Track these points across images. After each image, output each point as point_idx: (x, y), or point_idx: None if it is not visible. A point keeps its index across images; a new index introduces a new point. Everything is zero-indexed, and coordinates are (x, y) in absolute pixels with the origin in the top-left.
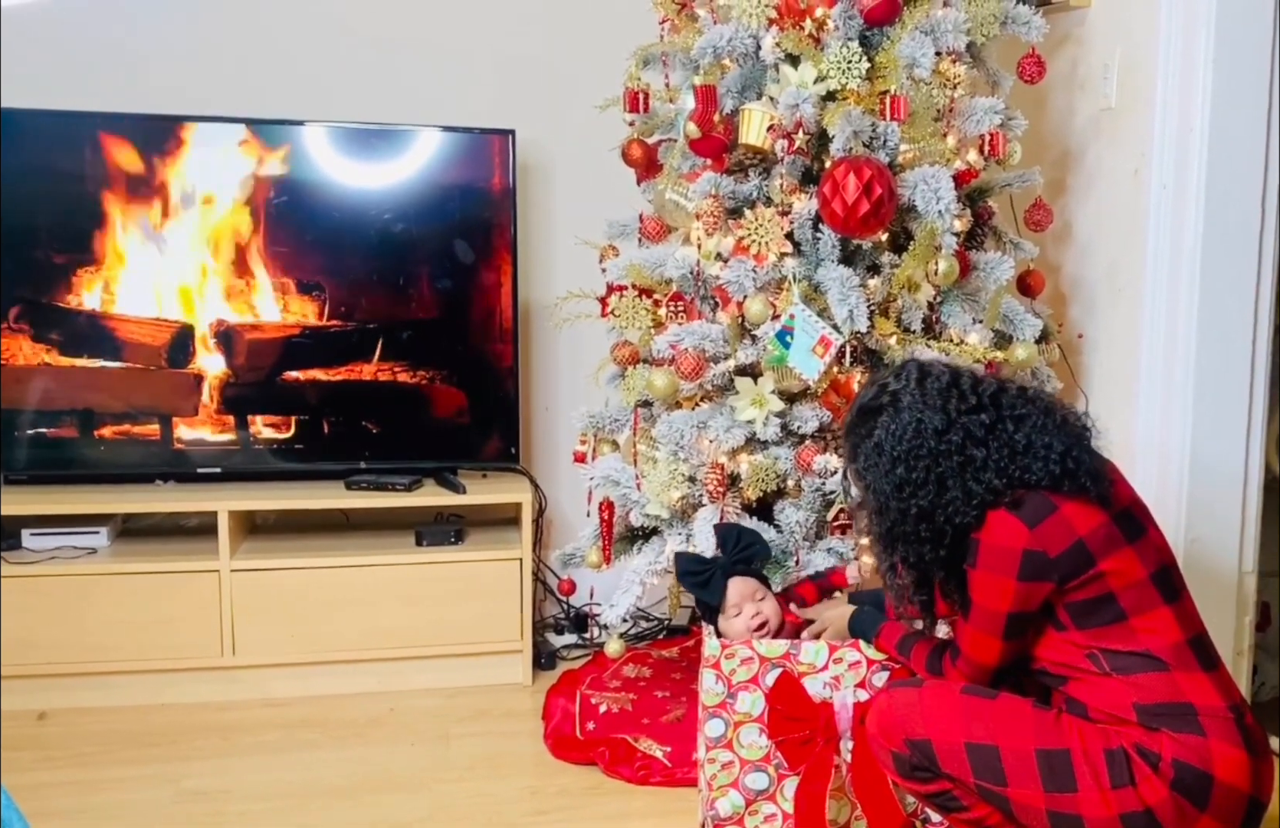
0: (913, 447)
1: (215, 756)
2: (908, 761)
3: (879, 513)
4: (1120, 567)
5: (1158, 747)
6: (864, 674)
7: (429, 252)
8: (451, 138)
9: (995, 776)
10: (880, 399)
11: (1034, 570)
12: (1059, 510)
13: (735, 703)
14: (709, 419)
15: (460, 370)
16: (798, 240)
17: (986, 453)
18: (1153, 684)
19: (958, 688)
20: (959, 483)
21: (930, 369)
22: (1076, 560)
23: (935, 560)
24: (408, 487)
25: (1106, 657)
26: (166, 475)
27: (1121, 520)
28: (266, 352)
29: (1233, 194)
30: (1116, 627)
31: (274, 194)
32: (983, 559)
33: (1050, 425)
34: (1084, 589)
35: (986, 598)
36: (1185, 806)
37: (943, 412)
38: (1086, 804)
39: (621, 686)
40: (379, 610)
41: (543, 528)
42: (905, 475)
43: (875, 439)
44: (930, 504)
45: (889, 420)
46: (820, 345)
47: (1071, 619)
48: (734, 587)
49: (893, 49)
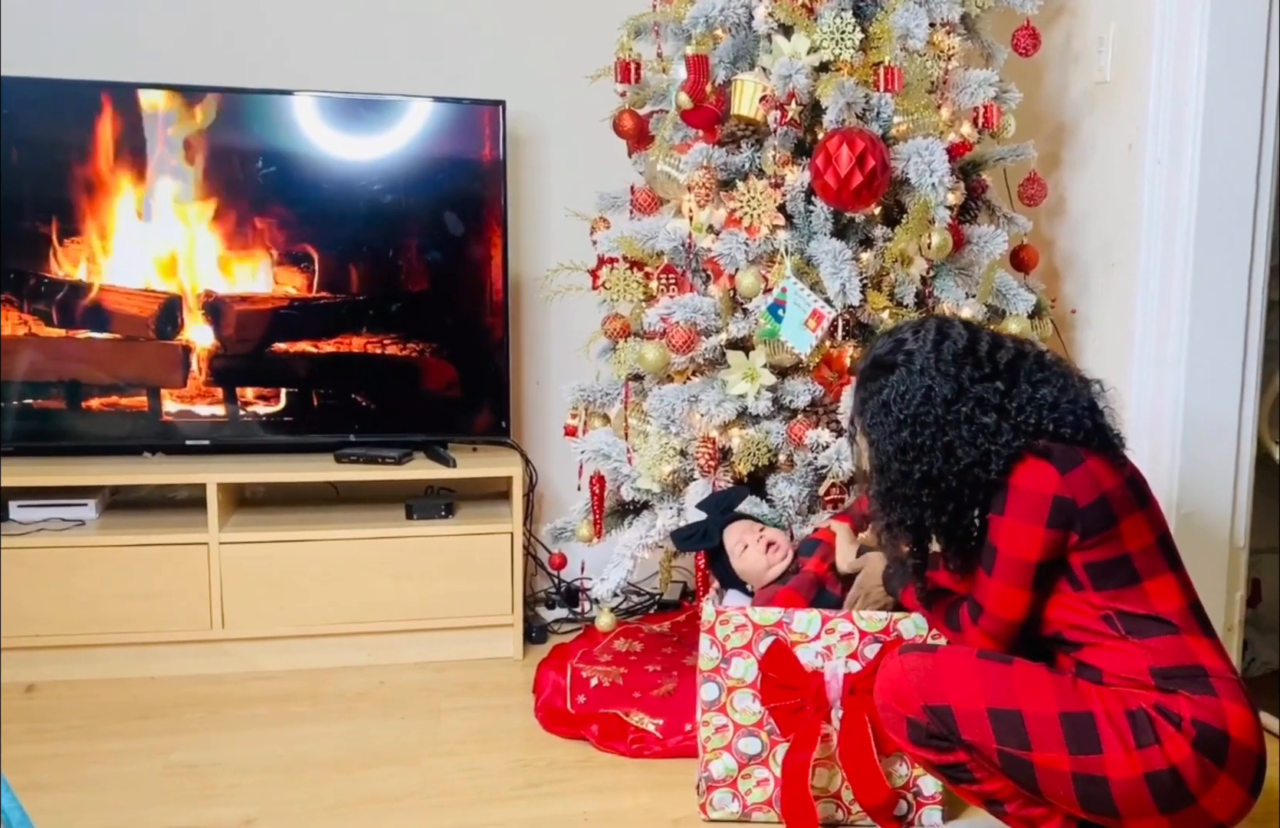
0: (920, 412)
1: (204, 729)
2: (924, 729)
3: (880, 471)
4: (1134, 529)
5: (1177, 708)
6: (856, 646)
7: (419, 224)
8: (442, 109)
9: (1020, 741)
10: (895, 356)
11: (1063, 518)
12: (1085, 462)
13: (729, 668)
14: (700, 393)
15: (451, 343)
16: (790, 213)
17: (999, 418)
18: (1167, 648)
19: (973, 654)
20: (972, 449)
21: (949, 330)
22: (1100, 515)
23: (935, 525)
24: (398, 460)
25: (1122, 620)
26: (155, 448)
27: (1132, 484)
28: (255, 323)
29: (1227, 169)
30: (1131, 589)
31: (263, 164)
32: (1011, 505)
33: (1070, 386)
34: (1102, 547)
35: (1015, 547)
36: (1207, 764)
37: (955, 380)
38: (1112, 765)
39: (612, 660)
40: (369, 584)
41: (534, 502)
42: (910, 440)
43: (884, 397)
44: (936, 471)
45: (899, 381)
46: (812, 319)
47: (1089, 578)
48: (731, 531)
49: (886, 20)
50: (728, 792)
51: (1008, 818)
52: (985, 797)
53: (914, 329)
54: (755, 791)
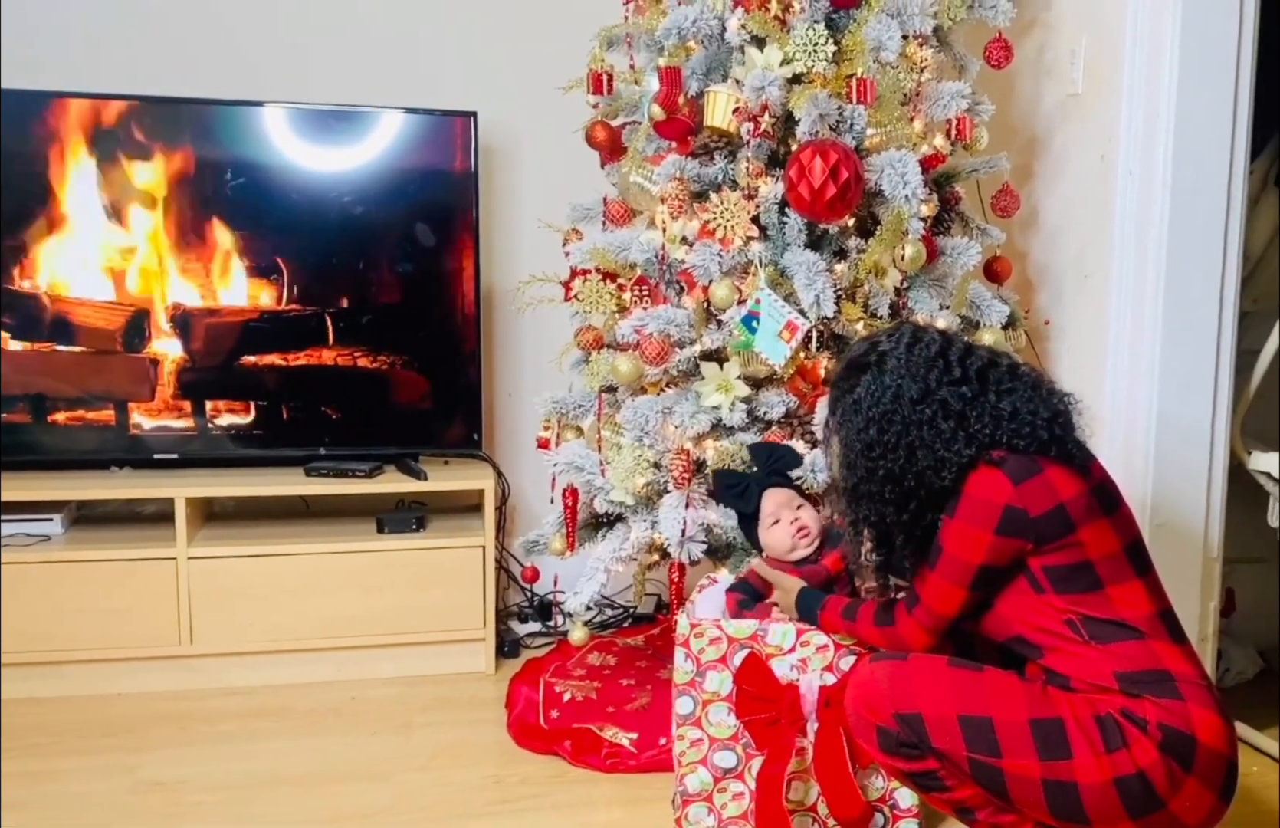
0: (888, 411)
1: (172, 746)
2: (895, 736)
3: (848, 468)
4: (1097, 537)
5: (1143, 712)
6: (831, 658)
7: (390, 235)
8: (413, 120)
9: (990, 748)
10: (868, 357)
11: (1012, 527)
12: (1044, 472)
13: (704, 682)
14: (674, 404)
15: (422, 355)
16: (764, 224)
17: (957, 425)
18: (1131, 653)
19: (944, 661)
20: (929, 454)
21: (922, 335)
22: (1056, 523)
23: (896, 523)
24: (368, 473)
25: (1085, 624)
26: (122, 462)
27: (1098, 493)
28: (224, 336)
29: (1199, 180)
30: (1094, 595)
31: (232, 176)
32: (962, 510)
33: (1037, 398)
34: (1062, 553)
35: (959, 548)
36: (1174, 767)
37: (923, 381)
38: (1082, 770)
39: (586, 674)
40: (339, 599)
41: (506, 515)
42: (876, 437)
43: (855, 396)
44: (899, 469)
45: (871, 380)
46: (786, 330)
47: (1050, 583)
48: (770, 497)
49: (859, 32)
50: (703, 806)
51: (978, 826)
52: (956, 805)
53: (889, 334)
54: (731, 805)
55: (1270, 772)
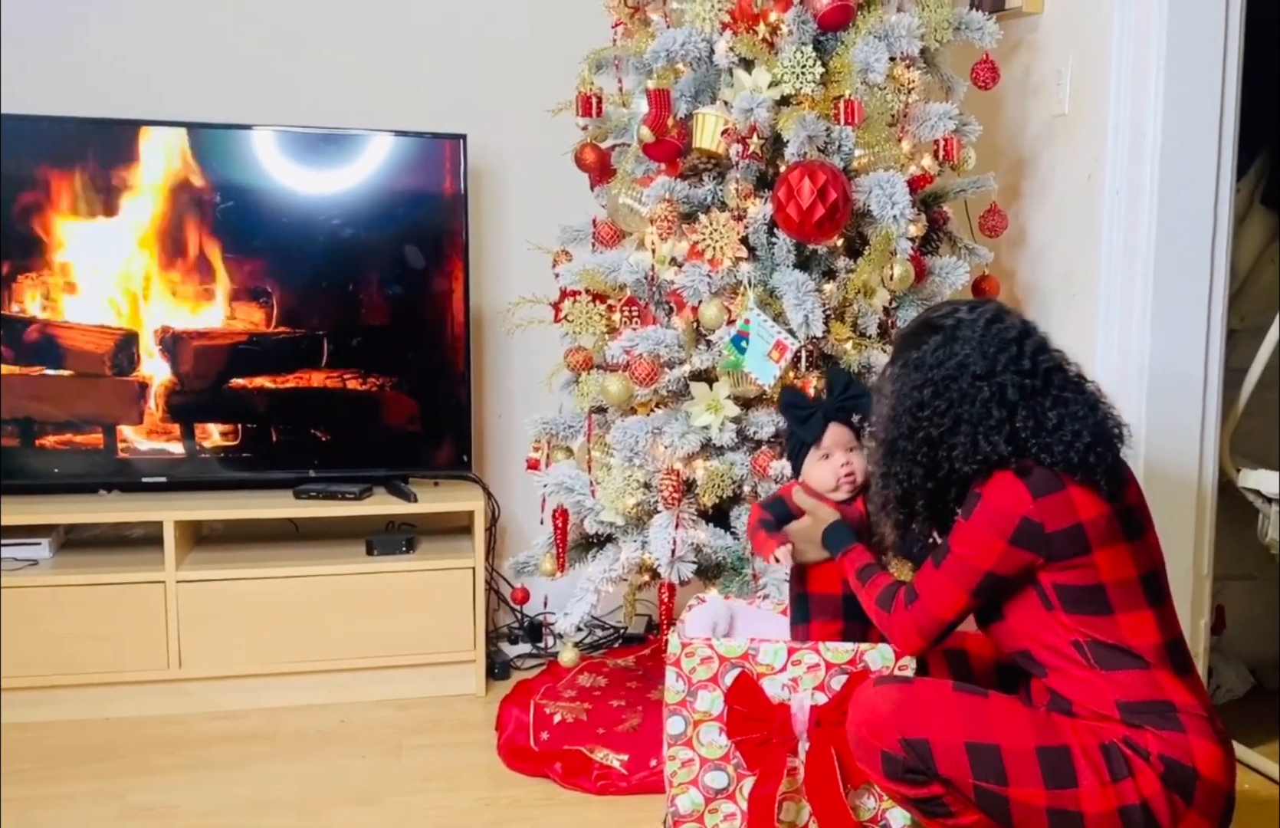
0: (948, 377)
1: (162, 770)
2: (901, 762)
3: (893, 420)
4: (1113, 561)
5: (1144, 743)
6: (822, 677)
7: (379, 257)
8: (402, 143)
9: (997, 776)
10: (944, 320)
11: (1026, 539)
12: (1066, 490)
13: (695, 701)
14: (664, 425)
15: (411, 377)
16: (753, 245)
17: (1006, 416)
18: (1135, 682)
19: (950, 686)
20: (970, 433)
21: (1005, 316)
22: (1071, 542)
23: (920, 489)
24: (358, 495)
25: (1092, 648)
26: (110, 485)
27: (1124, 516)
28: (213, 359)
29: (1185, 199)
30: (1102, 619)
31: (221, 199)
32: (979, 513)
33: (1088, 419)
34: (1074, 572)
35: (970, 550)
36: (1175, 800)
37: (990, 360)
38: (1088, 799)
39: (576, 695)
40: (329, 621)
41: (496, 536)
42: (928, 398)
43: (920, 353)
44: (938, 436)
45: (940, 342)
46: (776, 350)
47: (1060, 601)
48: (832, 430)
49: (846, 54)
50: (694, 827)
51: None
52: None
53: (972, 305)
54: (722, 825)
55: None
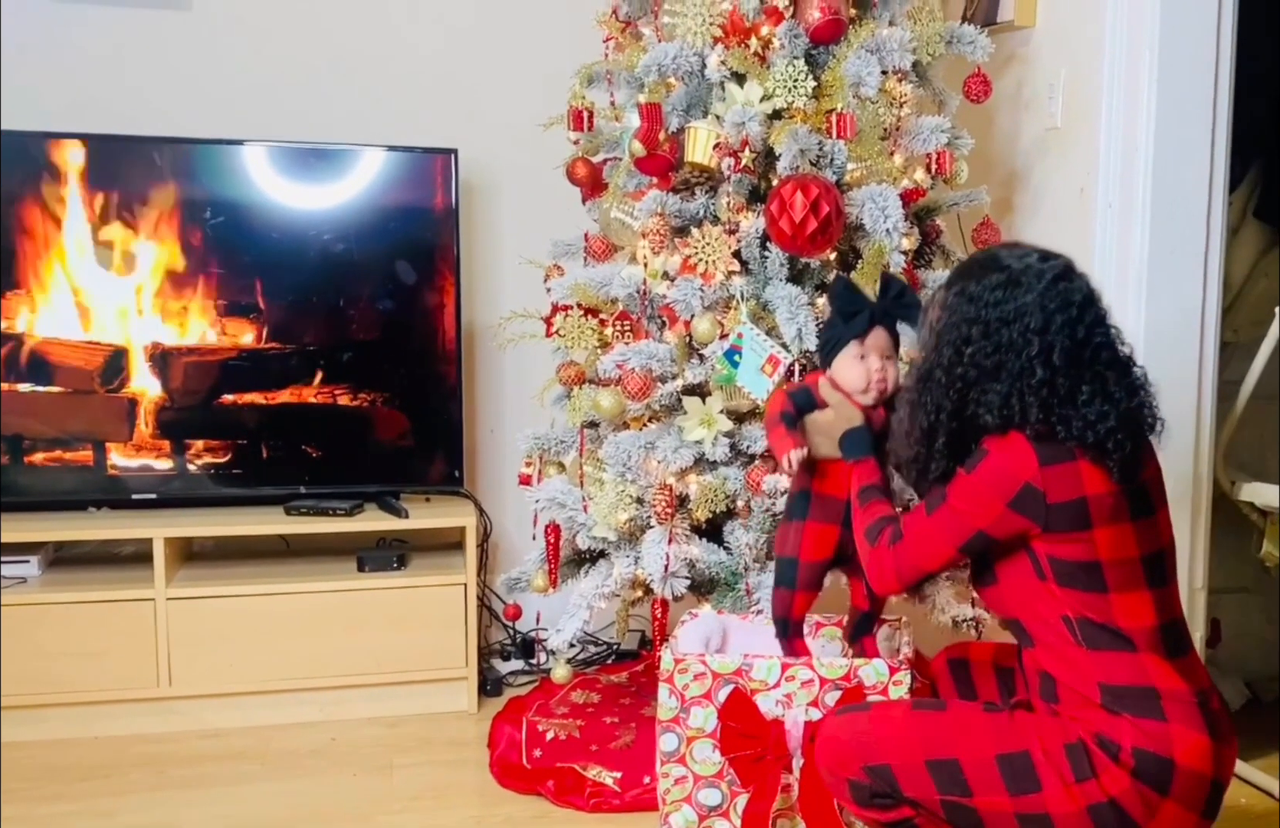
0: (1001, 319)
1: (150, 789)
2: (867, 789)
3: (933, 349)
4: (1114, 540)
5: (1117, 736)
6: (816, 693)
7: (371, 273)
8: (393, 157)
9: (960, 788)
10: (1013, 262)
11: (1026, 505)
12: (1075, 462)
13: (688, 718)
14: (657, 440)
15: (403, 393)
16: (745, 259)
17: (1047, 379)
18: (1120, 665)
19: (907, 705)
20: (1007, 385)
21: (1074, 278)
22: (1072, 516)
23: (945, 427)
24: (349, 511)
25: (1081, 625)
26: (100, 502)
27: (1134, 495)
28: (203, 375)
29: (1178, 212)
30: (1096, 596)
31: (211, 214)
32: (982, 469)
33: (1120, 402)
34: (1071, 546)
35: (966, 504)
36: (1147, 793)
37: (1047, 317)
38: (1052, 801)
39: (569, 712)
40: (320, 638)
41: (488, 552)
42: (975, 336)
43: (978, 289)
44: (974, 378)
45: (1002, 283)
46: (769, 364)
47: (1053, 573)
48: (875, 333)
49: (839, 67)
50: None
51: None
52: None
53: (1044, 254)
54: None
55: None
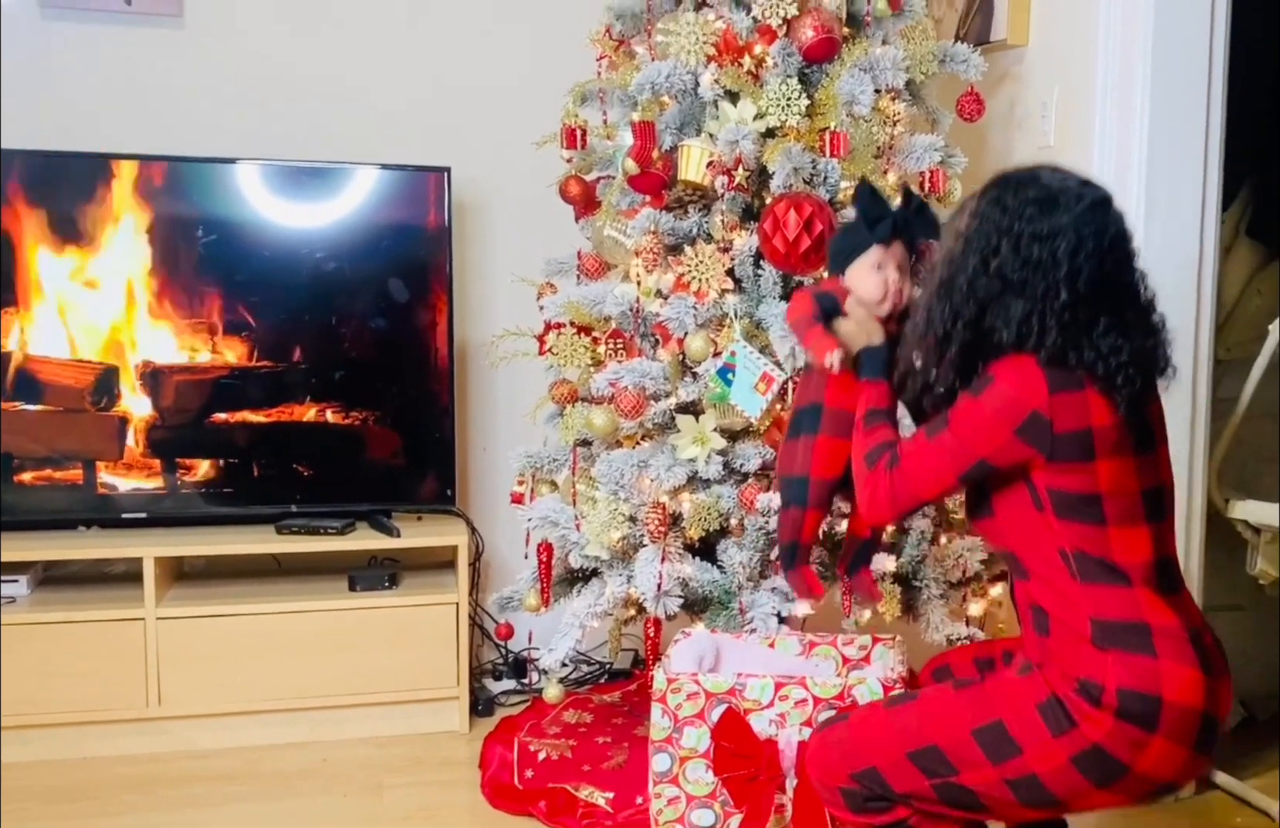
0: (1034, 235)
1: (140, 810)
2: (859, 795)
3: (958, 256)
4: (1116, 473)
5: (1102, 676)
6: (810, 713)
7: (363, 291)
8: (386, 176)
9: (946, 770)
10: (1052, 181)
11: (1032, 433)
12: (1084, 392)
13: (681, 738)
14: (650, 458)
15: (395, 411)
16: (739, 277)
17: (1070, 304)
18: (1114, 599)
19: (880, 706)
20: (1030, 305)
21: (1112, 211)
22: (1076, 446)
23: (959, 340)
24: (340, 530)
25: (1077, 559)
26: (90, 521)
27: (1137, 428)
28: (195, 393)
29: (1171, 231)
30: (1094, 528)
31: (204, 233)
32: (989, 394)
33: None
34: (1073, 477)
35: (970, 431)
36: (1133, 732)
37: (1080, 242)
38: (1036, 760)
39: (561, 732)
40: (311, 658)
41: (480, 571)
42: (1005, 249)
43: (1014, 203)
44: (997, 294)
45: (1039, 200)
46: (762, 382)
47: (1052, 504)
48: (896, 245)
49: (832, 86)
50: None
51: None
52: None
53: (1086, 182)
54: None
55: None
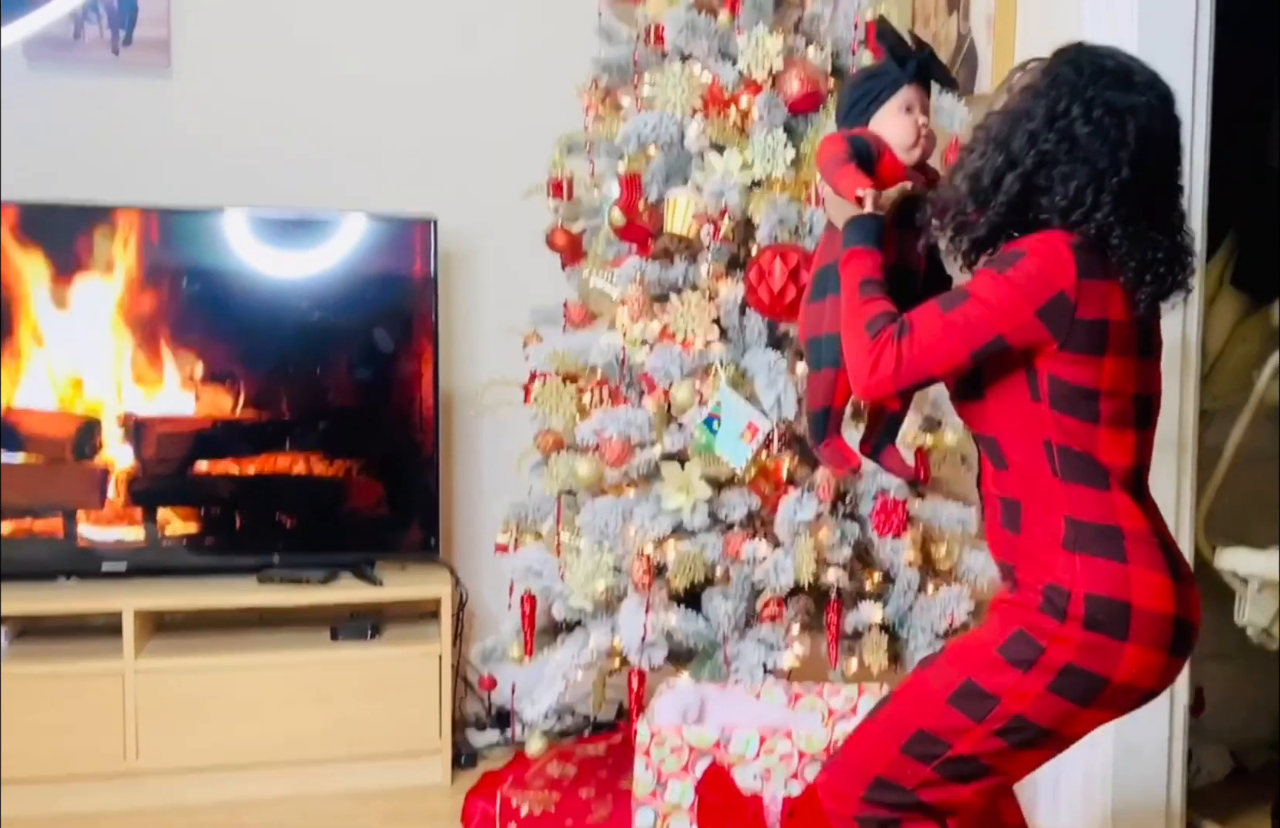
0: (1105, 105)
1: None
2: (874, 820)
3: (1025, 106)
4: (1118, 371)
5: (1070, 581)
6: (795, 766)
7: (348, 341)
8: (372, 225)
9: (940, 747)
10: (1131, 63)
11: (1053, 314)
12: (1109, 282)
13: (665, 793)
14: (635, 507)
15: (379, 460)
16: (725, 326)
17: (1131, 182)
18: (1090, 500)
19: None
20: (1089, 175)
21: (1172, 107)
22: (1092, 336)
23: (1008, 191)
24: (323, 580)
25: (1060, 453)
26: (69, 573)
27: (1143, 332)
28: (177, 444)
29: None
30: (1085, 425)
31: (188, 283)
32: (1018, 269)
33: (1164, 247)
34: (1079, 369)
35: (992, 304)
36: (1104, 641)
37: (1150, 127)
38: (1015, 700)
39: (544, 785)
40: (292, 710)
41: (463, 621)
42: (1074, 112)
43: (1095, 66)
44: (1061, 155)
45: (1117, 73)
46: (748, 431)
47: (1049, 393)
48: (919, 90)
49: (818, 137)
50: None
51: None
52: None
53: (1157, 78)
54: None
55: None
